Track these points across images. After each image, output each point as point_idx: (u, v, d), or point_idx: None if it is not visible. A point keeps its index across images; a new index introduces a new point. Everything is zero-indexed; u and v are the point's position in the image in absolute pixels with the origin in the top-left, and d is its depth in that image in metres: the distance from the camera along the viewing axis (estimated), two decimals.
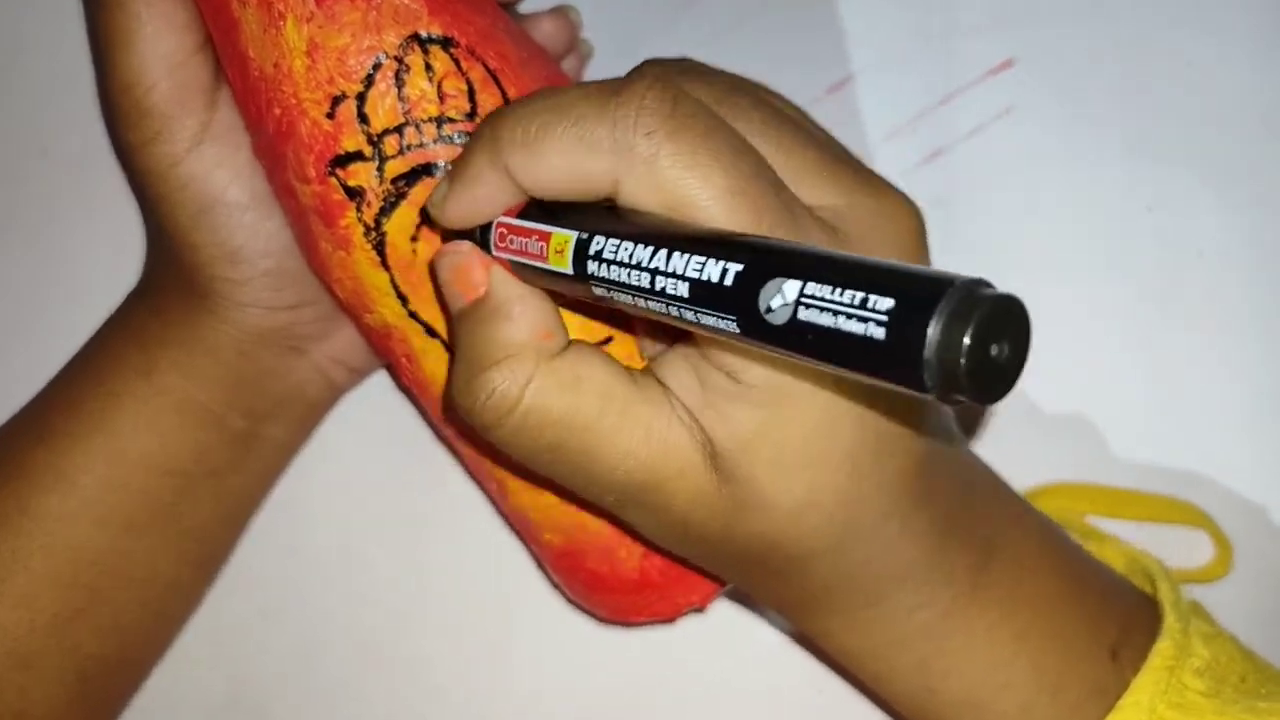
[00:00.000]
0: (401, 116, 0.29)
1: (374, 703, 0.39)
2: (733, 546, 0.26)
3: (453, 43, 0.30)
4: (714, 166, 0.22)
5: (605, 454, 0.25)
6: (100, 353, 0.35)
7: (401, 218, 0.30)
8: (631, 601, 0.34)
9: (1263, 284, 0.40)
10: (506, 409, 0.25)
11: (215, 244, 0.33)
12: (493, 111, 0.26)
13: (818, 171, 0.25)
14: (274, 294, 0.34)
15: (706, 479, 0.25)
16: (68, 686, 0.34)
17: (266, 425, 0.36)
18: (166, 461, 0.34)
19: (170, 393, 0.34)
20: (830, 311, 0.19)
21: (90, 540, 0.34)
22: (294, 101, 0.30)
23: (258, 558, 0.40)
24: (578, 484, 0.27)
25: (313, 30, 0.29)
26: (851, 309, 0.18)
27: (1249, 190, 0.40)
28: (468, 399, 0.26)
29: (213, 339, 0.34)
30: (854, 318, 0.18)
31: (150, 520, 0.35)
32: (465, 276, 0.26)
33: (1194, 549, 0.38)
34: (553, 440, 0.25)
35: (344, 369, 0.37)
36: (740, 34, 0.43)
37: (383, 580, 0.40)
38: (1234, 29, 0.41)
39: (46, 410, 0.35)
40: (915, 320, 0.17)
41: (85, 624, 0.34)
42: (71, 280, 0.41)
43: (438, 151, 0.29)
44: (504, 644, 0.39)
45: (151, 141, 0.32)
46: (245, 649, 0.40)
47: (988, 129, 0.41)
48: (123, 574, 0.34)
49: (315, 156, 0.30)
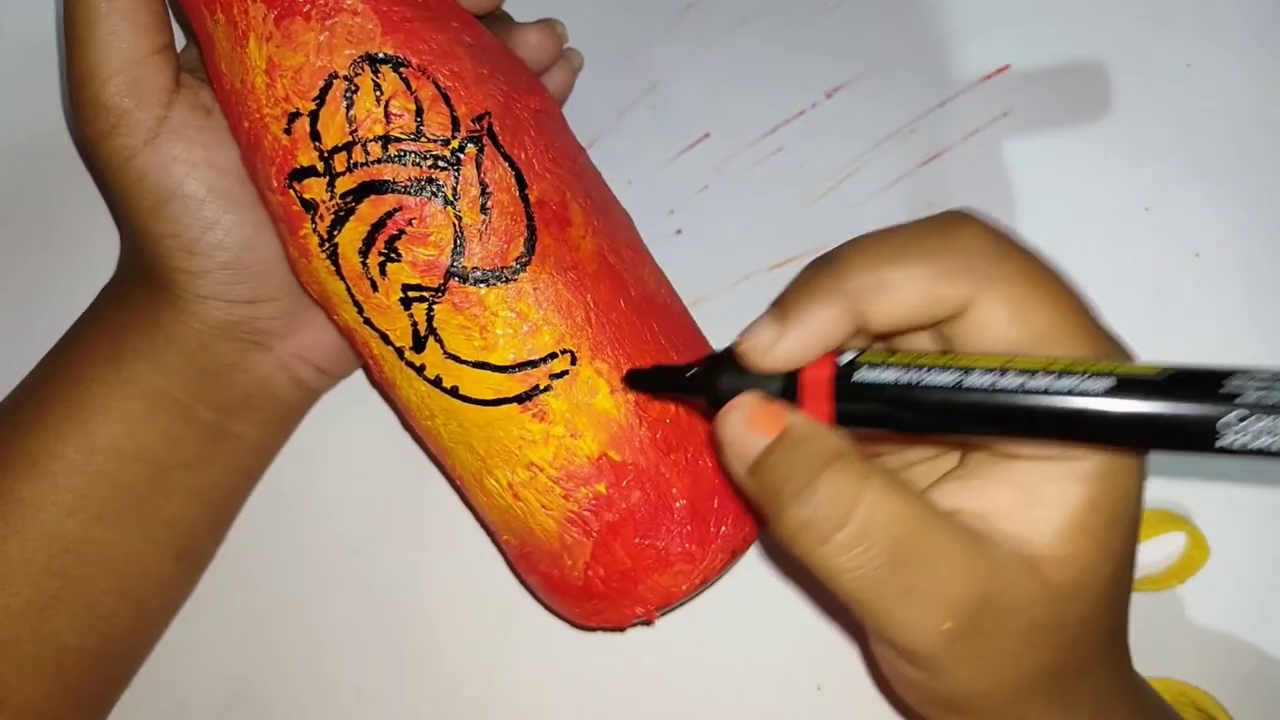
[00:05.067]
0: (349, 135, 0.30)
1: (375, 701, 0.40)
2: (1058, 647, 0.27)
3: (403, 62, 0.30)
4: (1056, 282, 0.26)
5: (945, 558, 0.25)
6: (72, 342, 0.36)
7: (350, 232, 0.31)
8: (581, 608, 0.35)
9: (1259, 284, 0.40)
10: (846, 509, 0.25)
11: (173, 235, 0.33)
12: (826, 255, 0.27)
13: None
14: (230, 287, 0.34)
15: (1035, 581, 0.26)
16: (45, 677, 0.34)
17: (236, 421, 0.36)
18: (136, 450, 0.35)
19: (137, 381, 0.34)
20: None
21: (63, 527, 0.34)
22: (258, 116, 0.31)
23: (259, 557, 0.40)
24: (911, 604, 0.26)
25: (271, 49, 0.30)
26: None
27: (1246, 191, 0.40)
28: (800, 512, 0.26)
29: (175, 330, 0.34)
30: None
31: (123, 509, 0.35)
32: (766, 418, 0.27)
33: (1171, 547, 0.39)
34: (892, 542, 0.25)
35: (310, 367, 0.38)
36: (739, 38, 0.43)
37: (384, 579, 0.40)
38: (1233, 30, 0.41)
39: (21, 399, 0.35)
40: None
41: (61, 612, 0.34)
42: (71, 279, 0.41)
43: (383, 170, 0.30)
44: (505, 642, 0.40)
45: (108, 135, 0.32)
46: (247, 648, 0.40)
47: (985, 132, 0.41)
48: (97, 562, 0.35)
49: (276, 169, 0.31)
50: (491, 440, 0.32)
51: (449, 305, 0.31)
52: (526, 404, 0.32)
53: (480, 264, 0.31)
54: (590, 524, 0.33)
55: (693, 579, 0.33)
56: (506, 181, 0.31)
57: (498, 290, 0.31)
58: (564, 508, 0.33)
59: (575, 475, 0.32)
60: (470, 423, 0.32)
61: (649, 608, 0.34)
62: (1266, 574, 0.38)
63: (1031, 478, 0.26)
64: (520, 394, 0.32)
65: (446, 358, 0.31)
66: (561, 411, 0.32)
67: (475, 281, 0.31)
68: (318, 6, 0.30)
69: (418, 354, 0.32)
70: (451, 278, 0.31)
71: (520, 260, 0.31)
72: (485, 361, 0.31)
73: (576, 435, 0.32)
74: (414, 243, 0.31)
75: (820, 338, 0.27)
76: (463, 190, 0.30)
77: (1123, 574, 0.27)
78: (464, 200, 0.30)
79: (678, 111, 0.43)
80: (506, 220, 0.31)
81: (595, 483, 0.32)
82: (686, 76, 0.43)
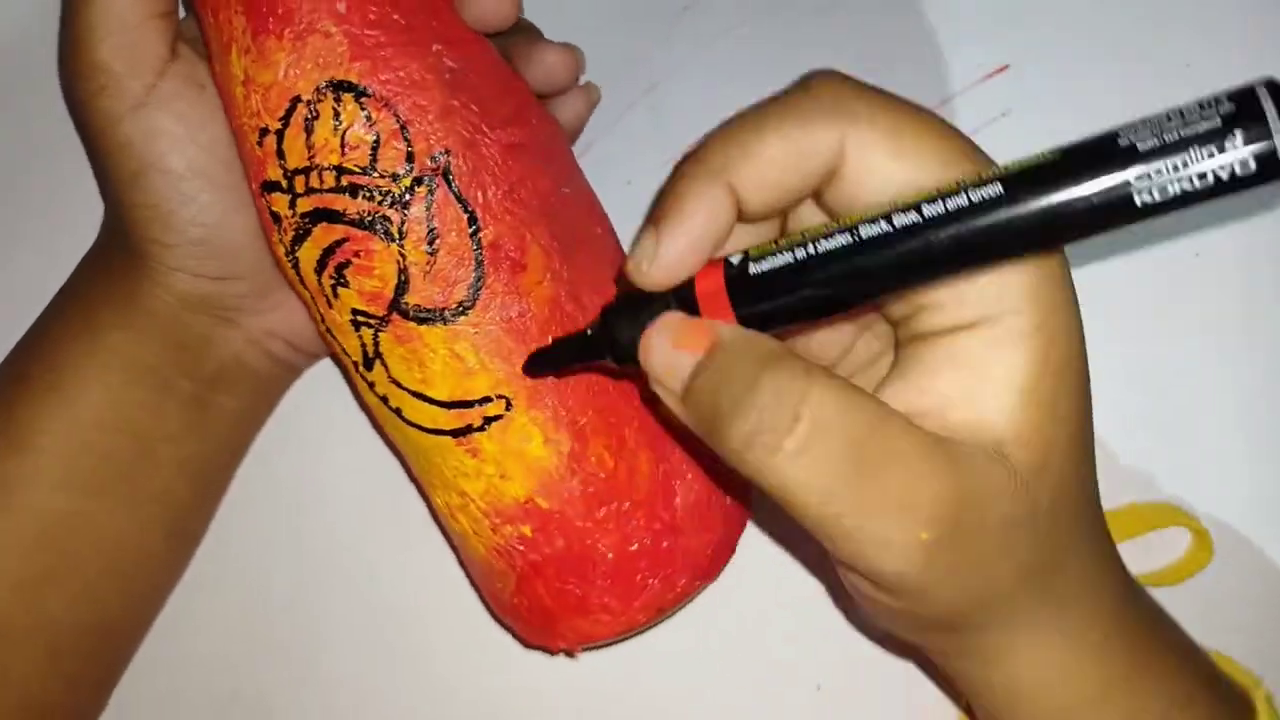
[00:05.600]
0: (308, 160, 0.30)
1: (377, 700, 0.40)
2: (1033, 542, 0.25)
3: (365, 92, 0.30)
4: (923, 113, 0.25)
5: (908, 459, 0.23)
6: (52, 314, 0.36)
7: (308, 251, 0.31)
8: (515, 628, 0.36)
9: (1259, 285, 0.39)
10: (794, 410, 0.23)
11: (149, 206, 0.33)
12: (689, 152, 0.26)
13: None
14: (199, 263, 0.34)
15: (1000, 471, 0.24)
16: (40, 657, 0.34)
17: (216, 393, 0.36)
18: (119, 421, 0.34)
19: (115, 351, 0.34)
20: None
21: (51, 502, 0.34)
22: (238, 123, 0.32)
23: (260, 556, 0.41)
24: (884, 515, 0.23)
25: (248, 63, 0.31)
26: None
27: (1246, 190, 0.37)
28: (744, 423, 0.23)
29: (148, 300, 0.34)
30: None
31: (110, 482, 0.35)
32: (692, 334, 0.25)
33: (1175, 543, 0.38)
34: (851, 441, 0.23)
35: (282, 343, 0.37)
36: (738, 38, 0.42)
37: (385, 578, 0.41)
38: (1233, 30, 0.40)
39: (2, 375, 0.36)
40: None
41: (54, 589, 0.34)
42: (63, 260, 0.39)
43: (335, 200, 0.30)
44: (505, 642, 0.40)
45: (97, 95, 0.32)
46: (249, 647, 0.40)
47: (984, 132, 0.40)
48: (88, 538, 0.34)
49: (253, 176, 0.32)
50: (431, 463, 0.33)
51: (392, 336, 0.31)
52: (461, 439, 0.32)
53: (422, 302, 0.31)
54: (515, 559, 0.33)
55: (612, 629, 0.34)
56: (458, 223, 0.30)
57: (438, 330, 0.31)
58: (492, 539, 0.33)
59: (502, 513, 0.32)
60: (414, 443, 0.33)
61: (570, 644, 0.34)
62: (1267, 574, 0.38)
63: (971, 354, 0.24)
64: (455, 429, 0.32)
65: (390, 381, 0.32)
66: (493, 453, 0.32)
67: (416, 319, 0.31)
68: (291, 26, 0.30)
69: (368, 371, 0.32)
70: (394, 311, 0.31)
71: (462, 305, 0.31)
72: (423, 394, 0.32)
73: (505, 477, 0.32)
74: (360, 273, 0.31)
75: (701, 231, 0.25)
76: (409, 229, 0.30)
77: (1081, 444, 0.25)
78: (410, 239, 0.30)
79: (676, 112, 0.42)
80: (453, 262, 0.31)
81: (520, 524, 0.32)
82: (685, 77, 0.42)
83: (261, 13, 0.30)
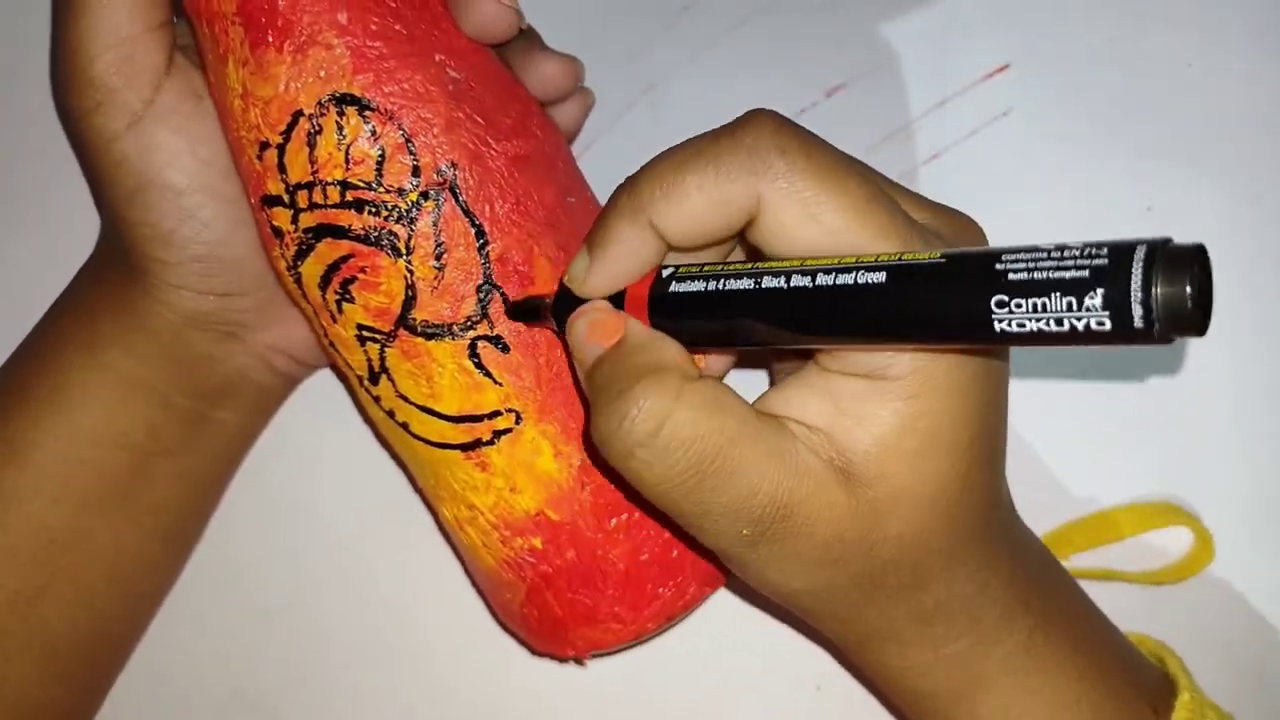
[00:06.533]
0: (311, 175, 0.30)
1: (377, 700, 0.40)
2: (870, 563, 0.27)
3: (369, 105, 0.29)
4: (849, 177, 0.25)
5: (747, 474, 0.26)
6: (49, 328, 0.36)
7: (311, 266, 0.31)
8: (524, 637, 0.35)
9: (1262, 283, 0.39)
10: (654, 425, 0.25)
11: (148, 224, 0.32)
12: (626, 181, 0.27)
13: (903, 194, 0.27)
14: (202, 279, 0.33)
15: (843, 493, 0.26)
16: (37, 665, 0.34)
17: (216, 408, 0.36)
18: (116, 437, 0.34)
19: (113, 368, 0.34)
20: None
21: (47, 516, 0.34)
22: (235, 136, 0.31)
23: (260, 556, 0.40)
24: (713, 515, 0.26)
25: (246, 76, 0.30)
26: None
27: (1248, 190, 0.40)
28: (610, 421, 0.26)
29: (148, 318, 0.34)
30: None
31: (107, 496, 0.34)
32: (603, 328, 0.27)
33: (1176, 542, 0.39)
34: (696, 459, 0.25)
35: (285, 358, 0.37)
36: (738, 38, 0.42)
37: (385, 578, 0.40)
38: (1233, 30, 0.40)
39: (1, 389, 0.35)
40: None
41: (50, 601, 0.34)
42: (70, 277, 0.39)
43: (339, 215, 0.30)
44: (504, 642, 0.40)
45: (92, 112, 0.31)
46: (249, 647, 0.40)
47: (985, 131, 0.40)
48: (85, 551, 0.34)
49: (252, 189, 0.31)
50: (439, 476, 0.33)
51: (399, 351, 0.31)
52: (469, 453, 0.32)
53: (430, 318, 0.30)
54: (525, 571, 0.33)
55: (622, 637, 0.34)
56: (465, 237, 0.30)
57: (446, 345, 0.31)
58: (502, 551, 0.33)
59: (512, 525, 0.32)
60: (421, 457, 0.33)
61: (580, 652, 0.34)
62: (1268, 574, 0.38)
63: (844, 394, 0.26)
64: (464, 443, 0.32)
65: (397, 396, 0.32)
66: (502, 466, 0.32)
67: (424, 335, 0.30)
68: (291, 39, 0.29)
69: (374, 386, 0.32)
70: (401, 326, 0.31)
71: (471, 319, 0.30)
72: (431, 408, 0.31)
73: (516, 490, 0.32)
74: (366, 289, 0.30)
75: (626, 261, 0.27)
76: (417, 244, 0.30)
77: (953, 495, 0.27)
78: (417, 254, 0.30)
79: (676, 112, 0.41)
80: (461, 277, 0.30)
81: (531, 536, 0.32)
82: (685, 76, 0.42)
83: (260, 24, 0.29)
